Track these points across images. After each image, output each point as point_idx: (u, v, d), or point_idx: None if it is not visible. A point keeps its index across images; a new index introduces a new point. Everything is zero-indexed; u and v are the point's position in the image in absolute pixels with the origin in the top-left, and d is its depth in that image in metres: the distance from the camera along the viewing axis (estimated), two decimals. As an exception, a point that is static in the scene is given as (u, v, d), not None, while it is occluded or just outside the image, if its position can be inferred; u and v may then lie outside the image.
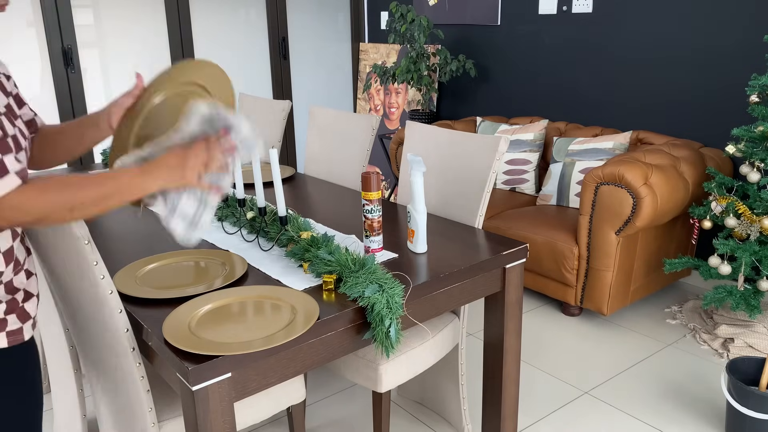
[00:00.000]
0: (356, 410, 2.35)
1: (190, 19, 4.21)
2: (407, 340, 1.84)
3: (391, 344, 1.43)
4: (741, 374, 2.17)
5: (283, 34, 4.68)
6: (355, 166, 2.54)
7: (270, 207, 1.90)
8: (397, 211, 2.07)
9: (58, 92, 3.81)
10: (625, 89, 3.51)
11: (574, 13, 3.65)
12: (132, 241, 1.85)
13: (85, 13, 3.86)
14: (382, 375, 1.76)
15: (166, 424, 1.52)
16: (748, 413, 2.03)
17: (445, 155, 2.09)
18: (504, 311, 1.79)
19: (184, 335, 1.27)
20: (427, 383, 2.29)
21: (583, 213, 2.80)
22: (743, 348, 2.64)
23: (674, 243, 3.09)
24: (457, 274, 1.61)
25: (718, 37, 3.09)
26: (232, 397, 1.29)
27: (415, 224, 1.68)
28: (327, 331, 1.40)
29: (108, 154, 2.77)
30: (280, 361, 1.35)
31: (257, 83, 4.67)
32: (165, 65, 4.20)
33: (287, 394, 1.69)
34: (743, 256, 2.52)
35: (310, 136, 2.75)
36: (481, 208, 1.97)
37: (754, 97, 2.55)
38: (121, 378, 1.44)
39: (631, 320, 2.99)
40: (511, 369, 1.87)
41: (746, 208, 2.55)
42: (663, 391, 2.44)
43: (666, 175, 2.72)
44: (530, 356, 2.70)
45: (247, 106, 3.20)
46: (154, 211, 2.12)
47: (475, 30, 4.25)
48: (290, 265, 1.63)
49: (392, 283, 1.44)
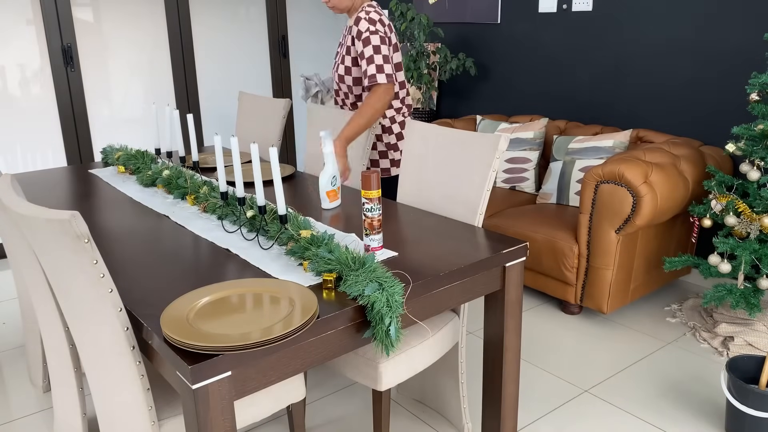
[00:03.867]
0: (356, 408, 2.35)
1: (189, 17, 4.21)
2: (407, 339, 1.84)
3: (391, 343, 1.43)
4: (741, 372, 2.17)
5: (282, 32, 4.67)
6: (355, 164, 2.54)
7: (270, 205, 1.90)
8: (397, 210, 2.07)
9: (57, 90, 3.81)
10: (625, 88, 3.50)
11: (574, 12, 3.65)
12: (132, 240, 1.85)
13: (85, 11, 3.86)
14: (382, 373, 1.76)
15: (166, 423, 1.52)
16: (747, 411, 2.03)
17: (445, 154, 2.09)
18: (504, 310, 1.79)
19: (182, 327, 1.27)
20: (427, 382, 2.30)
21: (583, 211, 2.80)
22: (743, 346, 2.65)
23: (674, 241, 3.09)
24: (457, 273, 1.61)
25: (719, 35, 3.09)
26: (232, 395, 1.29)
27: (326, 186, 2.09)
28: (327, 330, 1.40)
29: (108, 153, 2.78)
30: (280, 360, 1.35)
31: (257, 82, 4.66)
32: (164, 63, 4.20)
33: (287, 392, 1.69)
34: (743, 254, 2.52)
35: (309, 135, 2.75)
36: (481, 207, 1.97)
37: (754, 95, 2.54)
38: (121, 376, 1.44)
39: (631, 319, 2.99)
40: (510, 367, 1.87)
41: (746, 207, 2.55)
42: (663, 389, 2.44)
43: (666, 173, 2.72)
44: (530, 354, 2.70)
45: (246, 105, 3.20)
46: (153, 209, 2.12)
47: (475, 28, 4.24)
48: (290, 263, 1.63)
49: (392, 281, 1.44)
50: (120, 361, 1.41)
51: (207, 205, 2.04)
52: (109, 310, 1.34)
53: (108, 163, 2.77)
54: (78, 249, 1.27)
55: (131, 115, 4.16)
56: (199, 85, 4.38)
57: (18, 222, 1.38)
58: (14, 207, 1.36)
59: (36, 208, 1.32)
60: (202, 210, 2.07)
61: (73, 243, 1.26)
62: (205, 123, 4.47)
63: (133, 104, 4.15)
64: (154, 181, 2.38)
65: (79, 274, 1.32)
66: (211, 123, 4.50)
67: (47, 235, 1.31)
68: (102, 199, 2.26)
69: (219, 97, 4.50)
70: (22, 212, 1.32)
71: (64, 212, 1.25)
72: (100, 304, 1.34)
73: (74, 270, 1.32)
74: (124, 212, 2.11)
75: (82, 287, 1.34)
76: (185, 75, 4.27)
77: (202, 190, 2.11)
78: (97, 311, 1.36)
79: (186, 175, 2.28)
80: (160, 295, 1.49)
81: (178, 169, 2.37)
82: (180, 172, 2.33)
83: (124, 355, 1.39)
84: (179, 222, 1.99)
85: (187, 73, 4.28)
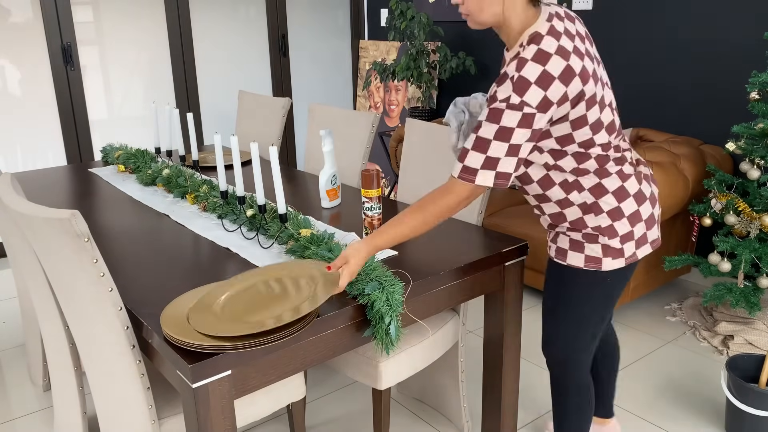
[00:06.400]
0: (356, 407, 2.35)
1: (189, 16, 4.21)
2: (407, 338, 1.84)
3: (391, 341, 1.43)
4: (741, 371, 2.17)
5: (282, 31, 4.67)
6: (355, 163, 2.54)
7: (270, 204, 1.90)
8: (397, 209, 2.07)
9: (57, 90, 3.81)
10: (625, 86, 3.50)
11: (574, 10, 3.65)
12: (132, 239, 1.85)
13: (85, 10, 3.85)
14: (382, 372, 1.76)
15: (166, 422, 1.52)
16: (747, 410, 2.03)
17: (445, 153, 2.09)
18: (504, 308, 1.79)
19: (181, 326, 1.27)
20: (427, 380, 2.30)
21: (583, 210, 2.80)
22: (743, 345, 2.65)
23: (674, 240, 3.09)
24: (457, 272, 1.61)
25: (719, 34, 3.09)
26: (233, 394, 1.29)
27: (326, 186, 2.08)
28: (327, 329, 1.40)
29: (108, 152, 2.78)
30: (281, 359, 1.35)
31: (257, 81, 4.66)
32: (164, 62, 4.20)
33: (287, 391, 1.69)
34: (743, 253, 2.52)
35: (310, 134, 2.75)
36: (480, 206, 1.97)
37: (755, 94, 2.54)
38: (121, 375, 1.44)
39: (631, 317, 2.99)
40: (510, 366, 1.87)
41: (746, 206, 2.55)
42: (663, 388, 2.44)
43: (666, 172, 2.72)
44: (530, 353, 2.70)
45: (246, 104, 3.20)
46: (153, 208, 2.12)
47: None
48: (290, 262, 1.63)
49: (392, 280, 1.44)
50: (120, 360, 1.41)
51: (207, 204, 2.04)
52: (109, 309, 1.34)
53: (108, 162, 2.77)
54: (78, 248, 1.27)
55: (131, 114, 4.16)
56: (199, 84, 4.38)
57: (18, 221, 1.38)
58: (14, 206, 1.36)
59: (36, 207, 1.32)
60: (202, 209, 2.07)
61: (73, 242, 1.26)
62: (204, 122, 4.47)
63: (132, 103, 4.15)
64: (154, 180, 2.38)
65: (79, 273, 1.32)
66: (211, 122, 4.50)
67: (47, 234, 1.31)
68: (102, 198, 2.26)
69: (219, 96, 4.49)
70: (22, 211, 1.32)
71: (64, 211, 1.25)
72: (100, 303, 1.34)
73: (74, 269, 1.32)
74: (124, 211, 2.11)
75: (82, 286, 1.34)
76: (185, 74, 4.27)
77: (202, 189, 2.11)
78: (97, 310, 1.36)
79: (186, 174, 2.28)
80: (160, 294, 1.49)
81: (177, 168, 2.37)
82: (180, 171, 2.33)
83: (124, 354, 1.39)
84: (179, 221, 1.99)
85: (187, 72, 4.28)
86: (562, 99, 1.38)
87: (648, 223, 1.60)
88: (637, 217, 1.57)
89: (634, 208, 1.56)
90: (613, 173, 1.53)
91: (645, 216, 1.58)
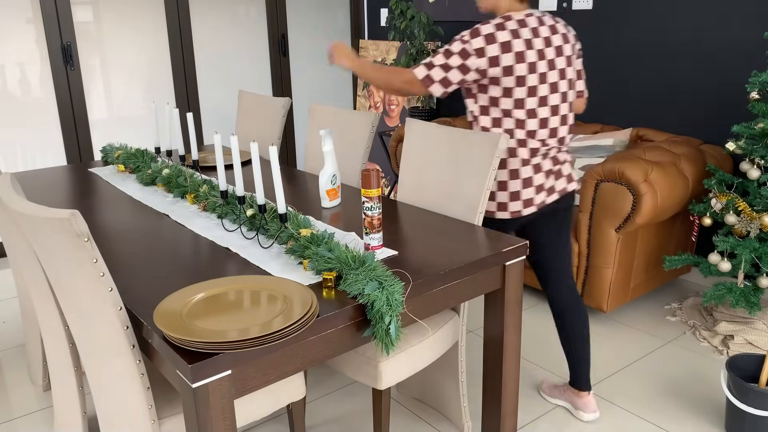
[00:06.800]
0: (356, 407, 2.35)
1: (189, 15, 4.21)
2: (407, 338, 1.84)
3: (391, 341, 1.43)
4: (741, 371, 2.17)
5: (282, 31, 4.67)
6: (354, 163, 2.54)
7: (270, 204, 1.90)
8: (397, 209, 2.07)
9: (57, 89, 3.81)
10: (626, 86, 3.50)
11: (574, 10, 3.65)
12: (132, 239, 1.85)
13: (85, 10, 3.85)
14: (382, 372, 1.76)
15: (166, 422, 1.52)
16: (747, 410, 2.03)
17: (445, 153, 2.09)
18: (504, 308, 1.79)
19: (181, 325, 1.27)
20: (427, 380, 2.30)
21: (583, 210, 2.80)
22: (743, 345, 2.65)
23: (674, 240, 3.09)
24: (457, 272, 1.61)
25: (719, 34, 3.09)
26: (233, 394, 1.29)
27: (326, 185, 2.10)
28: (327, 329, 1.40)
29: (108, 151, 2.78)
30: (281, 358, 1.35)
31: (257, 80, 4.66)
32: (164, 62, 4.20)
33: (287, 391, 1.69)
34: (743, 253, 2.52)
35: (310, 134, 2.75)
36: (481, 206, 1.97)
37: (755, 94, 2.54)
38: (121, 375, 1.44)
39: (631, 317, 2.99)
40: (511, 366, 1.87)
41: (746, 205, 2.55)
42: (663, 388, 2.44)
43: (666, 172, 2.72)
44: (530, 353, 2.70)
45: (246, 104, 3.20)
46: (152, 207, 2.12)
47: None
48: (290, 262, 1.63)
49: (392, 280, 1.44)
50: (120, 360, 1.41)
51: (207, 204, 2.04)
52: (108, 309, 1.34)
53: (108, 162, 2.77)
54: (78, 248, 1.27)
55: (131, 113, 4.16)
56: (199, 84, 4.38)
57: (18, 221, 1.38)
58: (14, 206, 1.36)
59: (36, 206, 1.32)
60: (202, 209, 2.07)
61: (73, 242, 1.26)
62: (204, 122, 4.47)
63: (132, 103, 4.15)
64: (154, 180, 2.38)
65: (79, 273, 1.32)
66: (211, 122, 4.50)
67: (47, 234, 1.30)
68: (102, 198, 2.26)
69: (219, 95, 4.49)
70: (22, 211, 1.32)
71: (63, 211, 1.25)
72: (99, 303, 1.34)
73: (74, 269, 1.32)
74: (123, 211, 2.11)
75: (82, 286, 1.34)
76: (185, 74, 4.27)
77: (202, 189, 2.11)
78: (97, 310, 1.36)
79: (186, 173, 2.28)
80: (160, 293, 1.49)
81: (177, 167, 2.37)
82: (180, 170, 2.33)
83: (123, 354, 1.39)
84: (179, 221, 1.99)
85: (187, 72, 4.28)
86: (493, 60, 1.86)
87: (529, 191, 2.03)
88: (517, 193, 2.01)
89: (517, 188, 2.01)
90: (518, 157, 1.98)
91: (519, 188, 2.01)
